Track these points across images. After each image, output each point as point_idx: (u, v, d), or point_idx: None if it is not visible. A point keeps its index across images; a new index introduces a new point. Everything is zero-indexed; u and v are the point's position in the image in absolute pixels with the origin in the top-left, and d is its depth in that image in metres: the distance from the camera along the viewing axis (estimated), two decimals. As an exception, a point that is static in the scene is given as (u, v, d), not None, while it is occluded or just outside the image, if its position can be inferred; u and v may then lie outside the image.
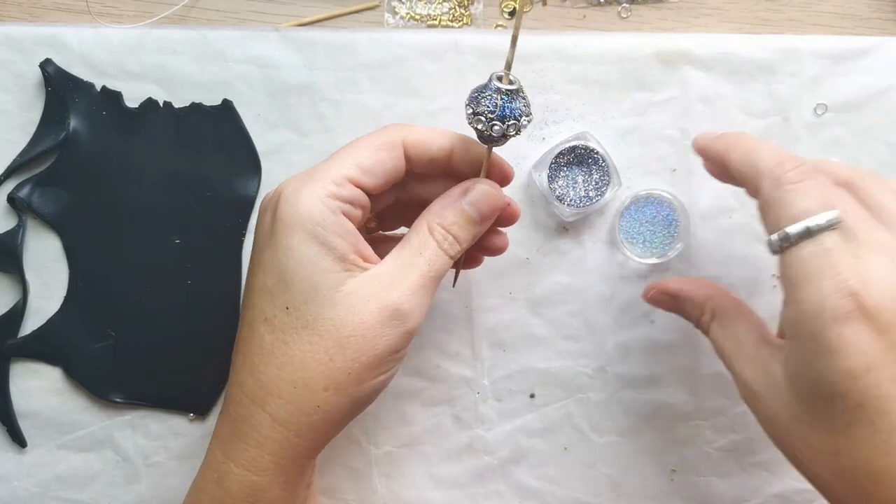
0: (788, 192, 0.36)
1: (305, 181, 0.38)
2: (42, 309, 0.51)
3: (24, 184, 0.50)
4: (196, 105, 0.50)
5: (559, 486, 0.51)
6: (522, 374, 0.51)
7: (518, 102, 0.38)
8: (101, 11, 0.52)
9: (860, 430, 0.34)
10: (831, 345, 0.34)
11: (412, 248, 0.39)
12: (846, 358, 0.34)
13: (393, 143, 0.39)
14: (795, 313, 0.35)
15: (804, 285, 0.35)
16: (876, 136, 0.50)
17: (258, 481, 0.38)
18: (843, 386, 0.34)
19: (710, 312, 0.42)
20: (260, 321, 0.38)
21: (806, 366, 0.35)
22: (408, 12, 0.52)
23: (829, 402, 0.35)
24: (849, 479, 0.35)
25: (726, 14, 0.52)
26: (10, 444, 0.51)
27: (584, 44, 0.50)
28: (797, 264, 0.35)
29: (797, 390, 0.36)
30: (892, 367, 0.34)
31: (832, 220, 0.35)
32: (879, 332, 0.34)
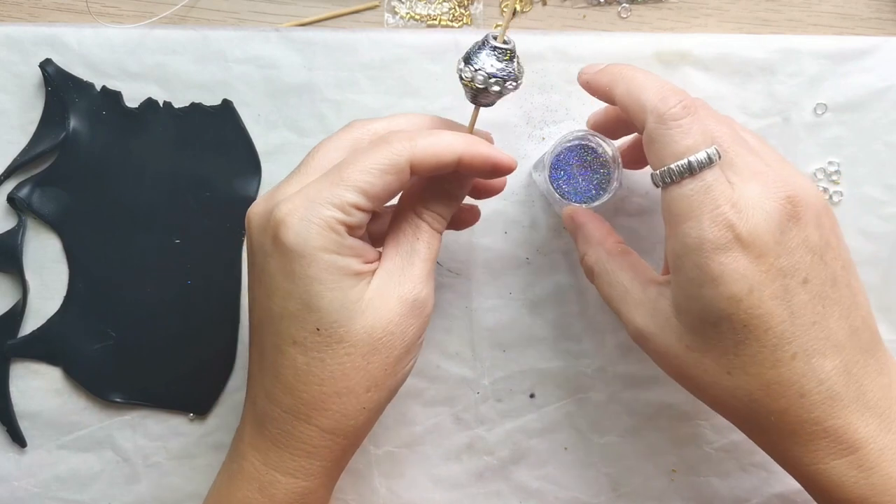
0: (671, 128, 0.37)
1: (308, 207, 0.37)
2: (42, 309, 0.51)
3: (24, 184, 0.50)
4: (196, 105, 0.50)
5: (559, 486, 0.51)
6: (522, 374, 0.51)
7: (507, 62, 0.39)
8: (101, 11, 0.52)
9: (748, 347, 0.37)
10: (713, 274, 0.36)
11: (408, 236, 0.40)
12: (728, 284, 0.36)
13: (398, 164, 0.38)
14: (678, 247, 0.38)
15: (686, 220, 0.37)
16: (876, 136, 0.50)
17: (307, 486, 0.40)
18: (728, 310, 0.37)
19: (595, 257, 0.44)
20: (289, 345, 0.38)
21: (692, 296, 0.38)
22: (408, 12, 0.52)
23: (718, 327, 0.37)
24: (743, 395, 0.38)
25: (726, 14, 0.52)
26: (10, 444, 0.51)
27: (584, 44, 0.50)
28: (679, 200, 0.37)
29: (686, 321, 0.38)
30: (772, 287, 0.36)
31: (712, 154, 0.37)
32: (757, 257, 0.36)
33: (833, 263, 0.38)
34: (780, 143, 0.50)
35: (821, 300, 0.37)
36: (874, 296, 0.50)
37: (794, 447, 0.38)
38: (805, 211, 0.37)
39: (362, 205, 0.37)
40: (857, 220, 0.50)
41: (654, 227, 0.50)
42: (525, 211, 0.50)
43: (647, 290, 0.41)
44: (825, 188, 0.50)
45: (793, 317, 0.37)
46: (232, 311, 0.51)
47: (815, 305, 0.37)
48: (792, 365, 0.37)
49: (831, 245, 0.38)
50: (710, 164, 0.37)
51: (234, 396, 0.51)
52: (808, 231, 0.37)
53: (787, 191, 0.37)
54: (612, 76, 0.41)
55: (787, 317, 0.37)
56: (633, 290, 0.41)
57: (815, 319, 0.37)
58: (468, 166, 0.39)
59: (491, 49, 0.39)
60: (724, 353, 0.38)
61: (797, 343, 0.37)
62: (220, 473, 0.43)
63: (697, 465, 0.51)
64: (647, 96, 0.38)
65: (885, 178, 0.50)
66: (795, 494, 0.50)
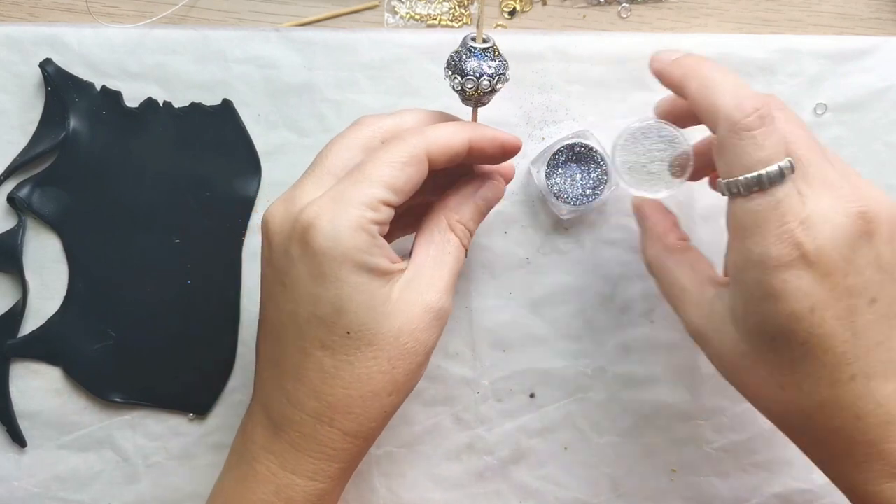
0: (744, 139, 0.36)
1: (337, 209, 0.37)
2: (42, 309, 0.51)
3: (24, 184, 0.50)
4: (196, 105, 0.50)
5: (559, 486, 0.51)
6: (522, 374, 0.51)
7: (487, 60, 0.40)
8: (101, 11, 0.52)
9: (805, 365, 0.36)
10: (775, 290, 0.35)
11: (438, 246, 0.41)
12: (790, 302, 0.35)
13: (417, 156, 0.38)
14: (741, 260, 0.37)
15: (751, 235, 0.36)
16: (876, 136, 0.50)
17: (324, 488, 0.40)
18: (787, 327, 0.36)
19: (655, 253, 0.43)
20: (316, 348, 0.38)
21: (751, 309, 0.37)
22: (408, 12, 0.52)
23: (775, 342, 0.36)
24: (796, 410, 0.37)
25: (726, 14, 0.52)
26: (10, 444, 0.51)
27: (584, 44, 0.50)
28: (745, 214, 0.36)
29: (743, 330, 0.38)
30: (835, 307, 0.35)
31: (785, 168, 0.36)
32: (822, 276, 0.35)
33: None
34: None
35: (887, 320, 0.36)
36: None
37: (847, 466, 0.37)
38: (879, 227, 0.36)
39: (389, 199, 0.38)
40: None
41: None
42: (525, 211, 0.50)
43: (705, 291, 0.40)
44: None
45: (855, 337, 0.36)
46: (232, 311, 0.51)
47: (880, 326, 0.36)
48: (850, 386, 0.36)
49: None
50: (782, 178, 0.35)
51: (234, 396, 0.51)
52: (880, 248, 0.36)
53: (860, 205, 0.36)
54: (686, 70, 0.39)
55: (850, 337, 0.36)
56: (691, 290, 0.40)
57: (879, 340, 0.36)
58: (479, 150, 0.40)
59: (481, 52, 0.40)
60: (780, 367, 0.37)
61: (857, 364, 0.36)
62: (226, 475, 0.43)
63: (697, 465, 0.51)
64: (722, 100, 0.36)
65: (885, 178, 0.50)
66: (795, 494, 0.50)
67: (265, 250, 0.40)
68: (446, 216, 0.41)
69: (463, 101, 0.42)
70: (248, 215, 0.51)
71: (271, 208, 0.40)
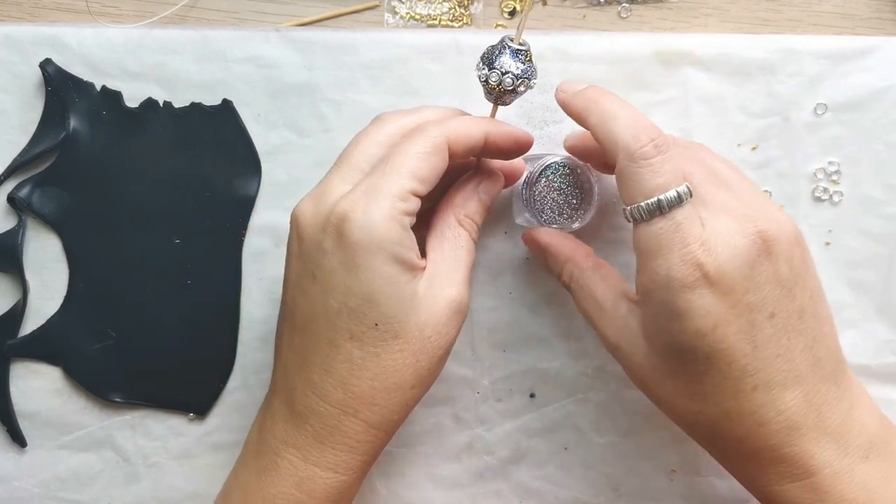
0: (642, 167, 0.38)
1: (370, 200, 0.38)
2: (42, 309, 0.51)
3: (24, 184, 0.50)
4: (196, 105, 0.50)
5: (559, 486, 0.51)
6: (522, 374, 0.51)
7: (518, 61, 0.41)
8: (101, 11, 0.52)
9: (710, 378, 0.38)
10: (680, 310, 0.37)
11: (451, 241, 0.42)
12: (693, 320, 0.37)
13: (440, 146, 0.40)
14: (647, 282, 0.39)
15: (655, 257, 0.38)
16: (876, 136, 0.50)
17: (345, 480, 0.41)
18: (692, 343, 0.38)
19: (569, 274, 0.44)
20: (345, 339, 0.39)
21: (660, 327, 0.39)
22: (408, 12, 0.52)
23: (682, 357, 0.38)
24: (704, 420, 0.39)
25: (726, 14, 0.52)
26: (10, 444, 0.51)
27: (584, 44, 0.50)
28: (648, 238, 0.38)
29: (653, 346, 0.40)
30: (737, 323, 0.37)
31: (683, 193, 0.38)
32: (723, 294, 0.37)
33: (801, 295, 0.39)
34: (780, 143, 0.50)
35: (786, 333, 0.38)
36: (874, 296, 0.50)
37: (752, 470, 0.40)
38: (776, 245, 0.38)
39: (417, 189, 0.39)
40: (857, 220, 0.50)
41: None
42: (525, 211, 0.50)
43: (619, 306, 0.42)
44: (825, 188, 0.50)
45: (756, 350, 0.37)
46: (232, 311, 0.51)
47: (779, 339, 0.38)
48: (752, 396, 0.38)
49: (800, 276, 0.39)
50: (681, 202, 0.38)
51: (234, 396, 0.51)
52: (778, 265, 0.38)
53: (758, 225, 0.38)
54: (587, 103, 0.41)
55: (750, 350, 0.37)
56: (605, 305, 0.42)
57: (778, 353, 0.38)
58: (493, 144, 0.42)
59: (512, 52, 0.41)
60: (688, 380, 0.39)
61: (759, 376, 0.38)
62: (242, 469, 0.43)
63: (697, 465, 0.51)
64: (620, 131, 0.39)
65: (885, 178, 0.50)
66: (795, 494, 0.50)
67: (294, 245, 0.41)
68: (454, 213, 0.43)
69: (486, 96, 0.43)
70: (248, 215, 0.51)
71: (301, 205, 0.41)
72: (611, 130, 0.39)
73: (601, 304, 0.42)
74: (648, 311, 0.39)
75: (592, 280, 0.43)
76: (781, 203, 0.50)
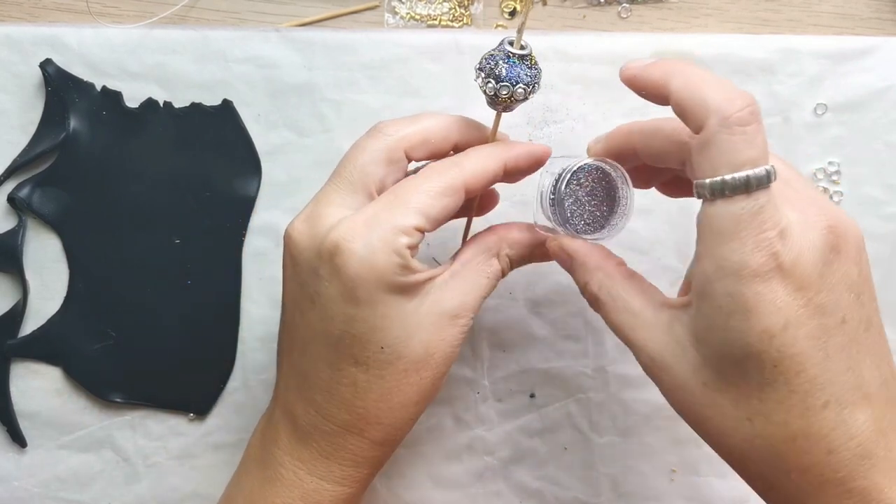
0: (735, 134, 0.33)
1: (370, 233, 0.37)
2: (42, 309, 0.51)
3: (24, 184, 0.50)
4: (196, 105, 0.50)
5: (559, 486, 0.51)
6: (522, 374, 0.51)
7: (524, 68, 0.39)
8: (101, 11, 0.52)
9: (775, 391, 0.33)
10: (748, 303, 0.33)
11: (478, 268, 0.41)
12: (763, 317, 0.33)
13: (456, 188, 0.38)
14: (711, 269, 0.34)
15: (729, 241, 0.33)
16: (876, 136, 0.50)
17: (351, 492, 0.41)
18: (758, 346, 0.33)
19: (598, 284, 0.39)
20: (349, 364, 0.38)
21: (716, 326, 0.34)
22: (408, 12, 0.52)
23: (742, 365, 0.34)
24: (763, 446, 0.34)
25: (726, 14, 0.52)
26: (10, 444, 0.51)
27: (584, 44, 0.50)
28: (725, 217, 0.33)
29: (706, 353, 0.35)
30: (809, 325, 0.33)
31: (771, 172, 0.33)
32: (796, 290, 0.33)
33: (869, 305, 0.35)
34: (780, 143, 0.50)
35: (855, 344, 0.34)
36: (874, 296, 0.50)
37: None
38: (846, 244, 0.34)
39: (423, 226, 0.38)
40: (857, 220, 0.50)
41: (653, 226, 0.50)
42: (525, 211, 0.50)
43: (660, 314, 0.37)
44: (825, 188, 0.50)
45: (827, 360, 0.33)
46: (232, 311, 0.51)
47: (849, 349, 0.34)
48: (823, 415, 0.33)
49: (867, 283, 0.35)
50: (768, 182, 0.33)
51: (233, 396, 0.51)
52: (848, 266, 0.34)
53: (829, 220, 0.34)
54: (667, 69, 0.36)
55: (822, 360, 0.33)
56: (645, 315, 0.37)
57: (849, 365, 0.34)
58: (514, 168, 0.40)
59: (517, 59, 0.39)
60: (747, 395, 0.34)
61: (830, 390, 0.33)
62: (244, 477, 0.43)
63: (697, 465, 0.51)
64: (712, 94, 0.33)
65: (885, 178, 0.50)
66: (795, 494, 0.50)
67: (288, 267, 0.40)
68: (498, 243, 0.41)
69: (490, 105, 0.41)
70: (249, 215, 0.51)
71: (295, 224, 0.40)
72: (700, 92, 0.34)
73: (639, 313, 0.37)
74: (705, 307, 0.34)
75: (627, 290, 0.38)
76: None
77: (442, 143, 0.41)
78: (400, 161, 0.40)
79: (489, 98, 0.40)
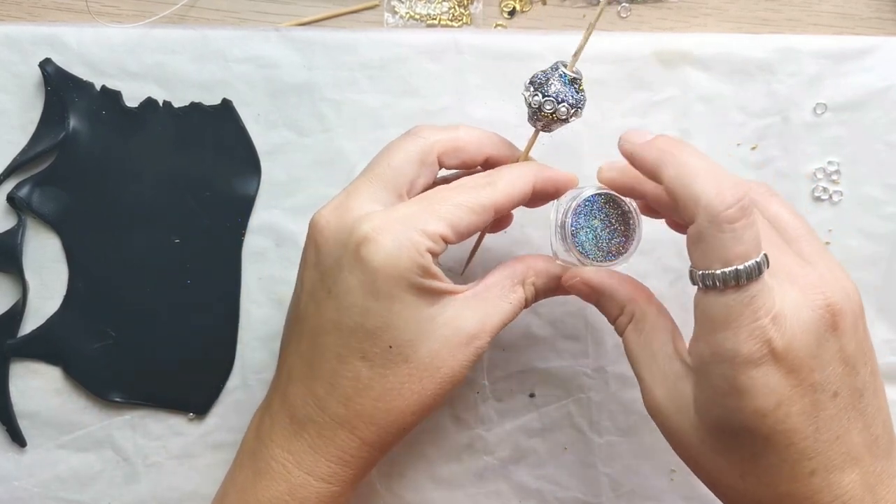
0: (725, 232, 0.34)
1: (400, 230, 0.38)
2: (42, 309, 0.51)
3: (24, 183, 0.50)
4: (196, 105, 0.50)
5: (559, 486, 0.51)
6: (522, 374, 0.51)
7: (573, 90, 0.40)
8: (100, 11, 0.52)
9: (766, 459, 0.36)
10: (742, 387, 0.35)
11: (502, 293, 0.41)
12: (756, 398, 0.35)
13: (486, 207, 0.39)
14: (707, 353, 0.36)
15: (721, 329, 0.35)
16: (876, 136, 0.50)
17: (337, 491, 0.41)
18: (751, 423, 0.35)
19: (629, 315, 0.41)
20: (356, 358, 0.39)
21: (714, 402, 0.36)
22: (407, 12, 0.52)
23: (737, 436, 0.36)
24: (754, 499, 0.37)
25: (726, 14, 0.52)
26: (9, 444, 0.51)
27: (583, 43, 0.50)
28: (717, 307, 0.35)
29: (704, 419, 0.37)
30: (801, 403, 0.35)
31: (762, 262, 0.34)
32: (789, 372, 0.35)
33: (863, 371, 0.36)
34: (780, 143, 0.50)
35: (846, 413, 0.36)
36: (874, 296, 0.50)
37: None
38: (843, 319, 0.36)
39: (449, 237, 0.38)
40: (857, 220, 0.50)
41: (653, 226, 0.50)
42: (525, 211, 0.50)
43: (672, 365, 0.38)
44: (825, 188, 0.50)
45: (817, 432, 0.35)
46: (232, 311, 0.51)
47: (840, 419, 0.36)
48: (810, 480, 0.36)
49: (864, 350, 0.37)
50: (759, 273, 0.34)
51: (233, 396, 0.51)
52: (844, 341, 0.36)
53: (826, 298, 0.35)
54: (661, 154, 0.37)
55: (812, 432, 0.35)
56: (660, 360, 0.39)
57: (838, 434, 0.36)
58: (540, 192, 0.41)
59: (570, 81, 0.40)
60: (741, 459, 0.36)
61: (818, 459, 0.35)
62: (238, 470, 0.43)
63: (697, 464, 0.51)
64: (702, 189, 0.34)
65: (885, 178, 0.50)
66: (795, 494, 0.50)
67: (311, 253, 0.40)
68: (525, 271, 0.42)
69: (531, 121, 0.42)
70: (248, 215, 0.51)
71: (323, 213, 0.40)
72: (691, 186, 0.35)
73: (655, 355, 0.39)
74: (703, 383, 0.37)
75: (655, 326, 0.40)
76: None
77: (475, 154, 0.42)
78: (432, 165, 0.41)
79: (532, 112, 0.41)
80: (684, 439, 0.38)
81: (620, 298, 0.41)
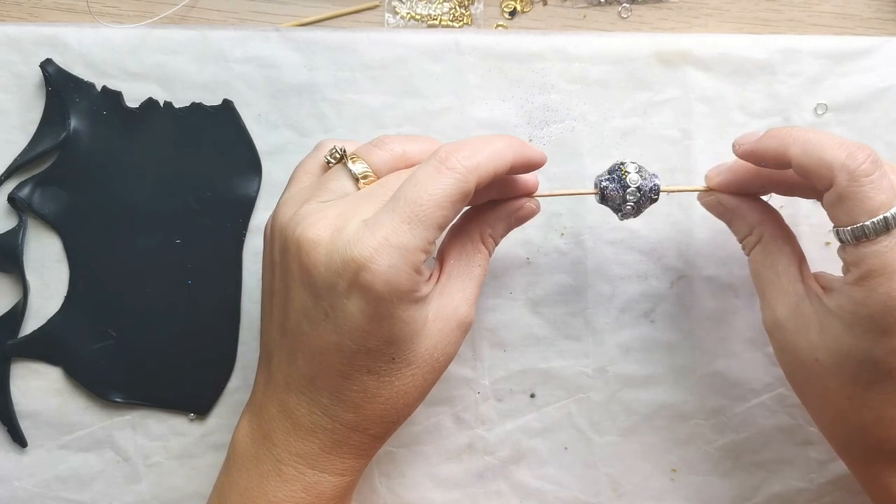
0: (864, 185, 0.37)
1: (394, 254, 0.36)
2: (42, 309, 0.51)
3: (25, 184, 0.50)
4: (196, 105, 0.50)
5: (559, 486, 0.51)
6: (522, 374, 0.51)
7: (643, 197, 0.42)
8: (101, 11, 0.52)
9: (880, 386, 0.38)
10: (887, 327, 0.37)
11: (469, 257, 0.42)
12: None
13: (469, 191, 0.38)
14: (860, 297, 0.38)
15: (878, 277, 0.37)
16: (876, 136, 0.50)
17: (351, 480, 0.42)
18: (883, 358, 0.38)
19: (758, 236, 0.43)
20: (362, 373, 0.39)
21: (848, 334, 0.38)
22: (408, 12, 0.52)
23: (861, 364, 0.38)
24: (855, 418, 0.40)
25: (726, 14, 0.52)
26: (10, 444, 0.51)
27: (584, 44, 0.50)
28: (871, 257, 0.37)
29: (827, 341, 0.39)
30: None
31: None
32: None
33: None
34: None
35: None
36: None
37: (877, 464, 0.40)
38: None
39: (437, 237, 0.38)
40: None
41: (653, 226, 0.50)
42: (525, 211, 0.50)
43: (796, 286, 0.41)
44: (825, 188, 0.50)
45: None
46: (232, 311, 0.51)
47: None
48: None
49: None
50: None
51: (234, 396, 0.51)
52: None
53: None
54: (782, 138, 0.40)
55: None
56: (783, 280, 0.42)
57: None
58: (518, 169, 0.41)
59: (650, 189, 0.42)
60: (854, 381, 0.39)
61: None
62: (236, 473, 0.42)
63: (697, 464, 0.51)
64: (833, 154, 0.38)
65: (885, 178, 0.50)
66: (795, 494, 0.50)
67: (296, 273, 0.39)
68: (480, 230, 0.43)
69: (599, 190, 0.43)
70: (249, 215, 0.51)
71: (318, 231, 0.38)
72: (821, 156, 0.38)
73: (780, 274, 0.42)
74: (845, 316, 0.38)
75: (782, 249, 0.42)
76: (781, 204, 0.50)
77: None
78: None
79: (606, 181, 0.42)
80: (797, 356, 0.40)
81: (751, 220, 0.43)
